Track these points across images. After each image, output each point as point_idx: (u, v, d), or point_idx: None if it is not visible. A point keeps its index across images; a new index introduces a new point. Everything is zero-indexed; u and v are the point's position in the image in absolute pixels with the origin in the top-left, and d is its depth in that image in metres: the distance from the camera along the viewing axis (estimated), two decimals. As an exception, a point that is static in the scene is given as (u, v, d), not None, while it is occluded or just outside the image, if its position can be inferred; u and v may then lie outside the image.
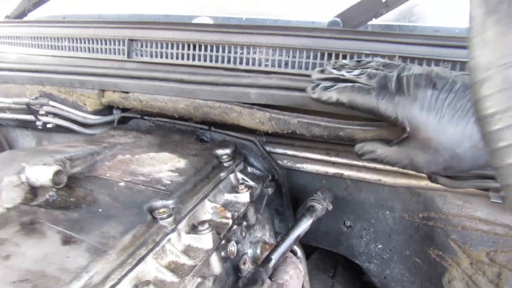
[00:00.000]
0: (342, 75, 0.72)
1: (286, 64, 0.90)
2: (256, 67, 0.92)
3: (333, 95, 0.69)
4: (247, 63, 0.93)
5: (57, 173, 0.69)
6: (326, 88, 0.71)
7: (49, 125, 1.12)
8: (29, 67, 1.11)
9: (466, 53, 0.81)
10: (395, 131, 0.78)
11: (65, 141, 1.03)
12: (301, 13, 1.15)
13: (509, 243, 0.86)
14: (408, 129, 0.66)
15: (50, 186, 0.69)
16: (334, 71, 0.73)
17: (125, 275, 0.57)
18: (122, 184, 0.74)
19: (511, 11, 0.35)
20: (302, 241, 1.04)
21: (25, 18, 1.43)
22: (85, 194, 0.71)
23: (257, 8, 1.17)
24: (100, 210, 0.67)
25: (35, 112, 1.11)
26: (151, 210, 0.67)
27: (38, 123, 1.12)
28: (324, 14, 1.06)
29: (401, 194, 0.98)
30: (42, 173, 0.68)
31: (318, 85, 0.72)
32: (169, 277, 0.62)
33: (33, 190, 0.70)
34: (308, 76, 0.85)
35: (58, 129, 1.15)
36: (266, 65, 0.92)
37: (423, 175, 0.88)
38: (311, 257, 1.29)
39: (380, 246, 1.08)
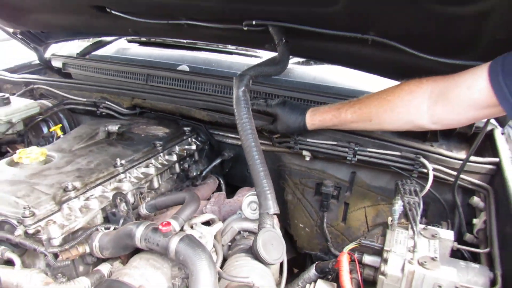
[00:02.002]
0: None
1: (217, 91, 2.04)
2: (204, 92, 2.06)
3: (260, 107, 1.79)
4: (200, 90, 2.07)
5: (119, 128, 1.81)
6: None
7: (103, 113, 2.23)
8: (96, 84, 2.24)
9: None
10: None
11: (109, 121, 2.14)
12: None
13: (306, 174, 1.98)
14: (277, 116, 1.75)
15: (116, 132, 1.81)
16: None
17: (148, 159, 1.68)
18: (143, 135, 1.86)
19: None
20: (229, 183, 2.14)
21: (88, 56, 2.57)
22: (128, 137, 1.83)
23: (215, 61, 2.33)
24: (134, 142, 1.78)
25: (97, 106, 2.22)
26: (154, 144, 1.78)
27: (98, 112, 2.23)
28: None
29: (269, 155, 2.10)
30: (114, 126, 1.80)
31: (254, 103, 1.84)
32: (161, 167, 1.73)
33: (108, 134, 1.82)
34: (224, 96, 1.98)
35: (107, 116, 2.27)
36: (208, 91, 2.05)
37: (277, 146, 1.99)
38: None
39: (263, 182, 2.18)
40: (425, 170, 1.65)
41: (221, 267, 1.27)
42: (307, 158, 1.92)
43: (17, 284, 1.17)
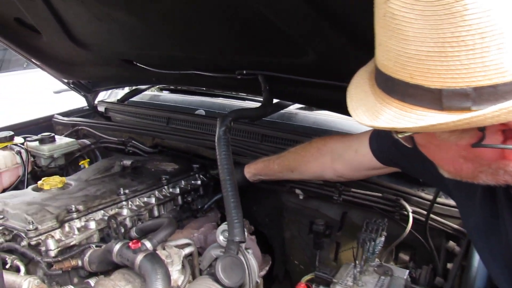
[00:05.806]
0: None
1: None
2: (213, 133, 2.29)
3: None
4: (212, 131, 2.29)
5: (132, 162, 2.06)
6: None
7: (130, 151, 2.52)
8: (127, 125, 2.57)
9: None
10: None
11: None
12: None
13: (300, 212, 2.07)
14: None
15: (129, 166, 2.06)
16: None
17: (151, 191, 1.90)
18: (153, 170, 2.10)
19: None
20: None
21: (126, 102, 2.95)
22: (140, 171, 2.07)
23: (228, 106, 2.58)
24: (143, 175, 2.02)
25: (125, 145, 2.52)
26: (160, 177, 2.00)
27: (126, 150, 2.53)
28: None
29: (270, 195, 2.23)
30: (128, 161, 2.06)
31: None
32: (163, 198, 1.93)
33: (123, 168, 2.09)
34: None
35: (133, 153, 2.56)
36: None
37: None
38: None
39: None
40: (406, 213, 1.69)
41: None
42: (301, 197, 2.02)
43: (17, 286, 1.41)
